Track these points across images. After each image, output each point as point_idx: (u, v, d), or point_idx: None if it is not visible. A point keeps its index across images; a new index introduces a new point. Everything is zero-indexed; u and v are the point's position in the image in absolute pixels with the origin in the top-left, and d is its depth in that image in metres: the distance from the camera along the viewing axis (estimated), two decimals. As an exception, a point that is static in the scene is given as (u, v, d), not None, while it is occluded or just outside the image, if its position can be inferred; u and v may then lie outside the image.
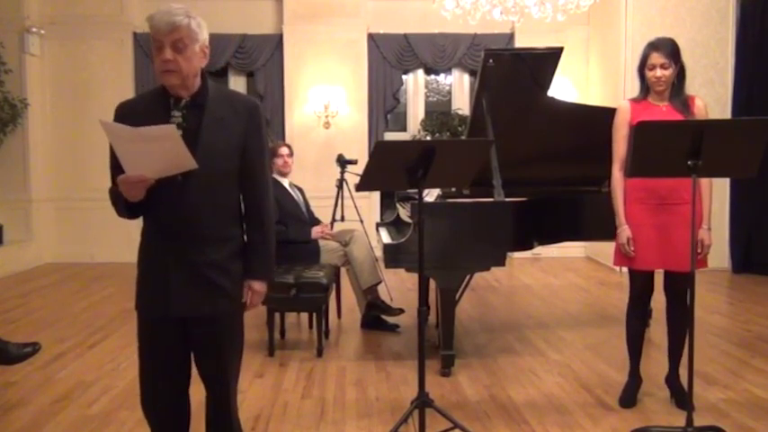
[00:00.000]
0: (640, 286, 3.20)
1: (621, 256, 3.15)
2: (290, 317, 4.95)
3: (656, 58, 3.05)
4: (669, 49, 3.05)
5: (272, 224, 2.20)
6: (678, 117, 3.03)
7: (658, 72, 3.05)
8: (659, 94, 3.12)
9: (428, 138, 7.81)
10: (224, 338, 2.15)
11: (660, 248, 3.05)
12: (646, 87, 3.14)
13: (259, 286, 2.18)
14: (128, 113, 2.02)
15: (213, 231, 2.07)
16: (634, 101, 3.19)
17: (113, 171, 2.03)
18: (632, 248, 3.08)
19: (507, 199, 3.77)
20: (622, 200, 3.15)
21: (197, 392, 2.22)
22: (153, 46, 1.99)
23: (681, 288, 3.08)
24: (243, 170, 2.10)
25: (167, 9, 1.97)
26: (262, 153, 2.14)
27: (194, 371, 2.18)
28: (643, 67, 3.12)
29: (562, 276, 6.81)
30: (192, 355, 2.17)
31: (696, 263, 2.80)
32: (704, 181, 3.00)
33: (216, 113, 2.05)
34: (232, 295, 2.13)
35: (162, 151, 1.89)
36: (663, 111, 3.09)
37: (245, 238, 2.17)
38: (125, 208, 2.04)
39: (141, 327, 2.14)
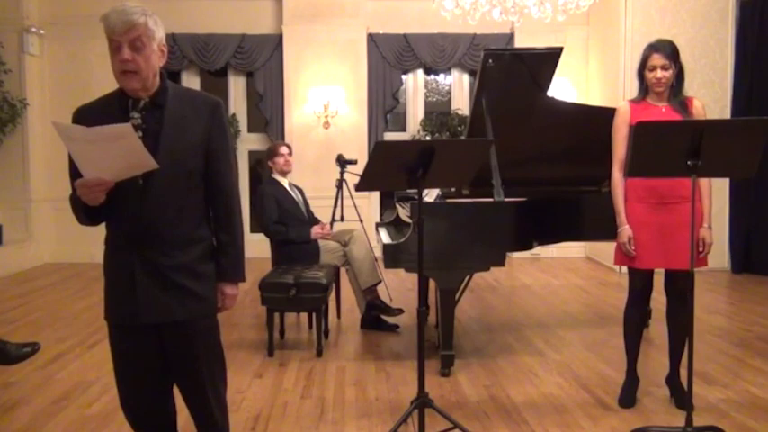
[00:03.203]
0: (640, 285, 3.20)
1: (622, 256, 3.16)
2: (290, 317, 4.95)
3: (657, 59, 3.06)
4: (669, 50, 3.06)
5: (241, 225, 2.14)
6: (677, 118, 3.04)
7: (659, 73, 3.06)
8: (658, 95, 3.12)
9: (428, 138, 7.81)
10: (199, 343, 2.08)
11: (661, 247, 3.05)
12: (645, 88, 3.15)
13: (230, 289, 2.14)
14: (85, 117, 1.95)
15: (179, 233, 2.00)
16: (633, 102, 3.19)
17: (73, 178, 1.95)
18: (633, 248, 3.08)
19: (507, 199, 3.77)
20: (623, 200, 3.15)
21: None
22: (109, 47, 1.91)
23: (681, 287, 3.07)
24: (207, 170, 2.05)
25: (122, 8, 1.90)
26: (226, 152, 2.08)
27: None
28: (643, 68, 3.13)
29: (562, 276, 6.81)
30: (168, 364, 2.10)
31: (696, 261, 2.80)
32: (703, 180, 3.00)
33: (176, 113, 1.99)
34: (205, 298, 2.07)
35: (119, 151, 1.82)
36: (662, 111, 3.10)
37: (214, 240, 2.12)
38: (85, 214, 1.96)
39: (113, 336, 2.08)
